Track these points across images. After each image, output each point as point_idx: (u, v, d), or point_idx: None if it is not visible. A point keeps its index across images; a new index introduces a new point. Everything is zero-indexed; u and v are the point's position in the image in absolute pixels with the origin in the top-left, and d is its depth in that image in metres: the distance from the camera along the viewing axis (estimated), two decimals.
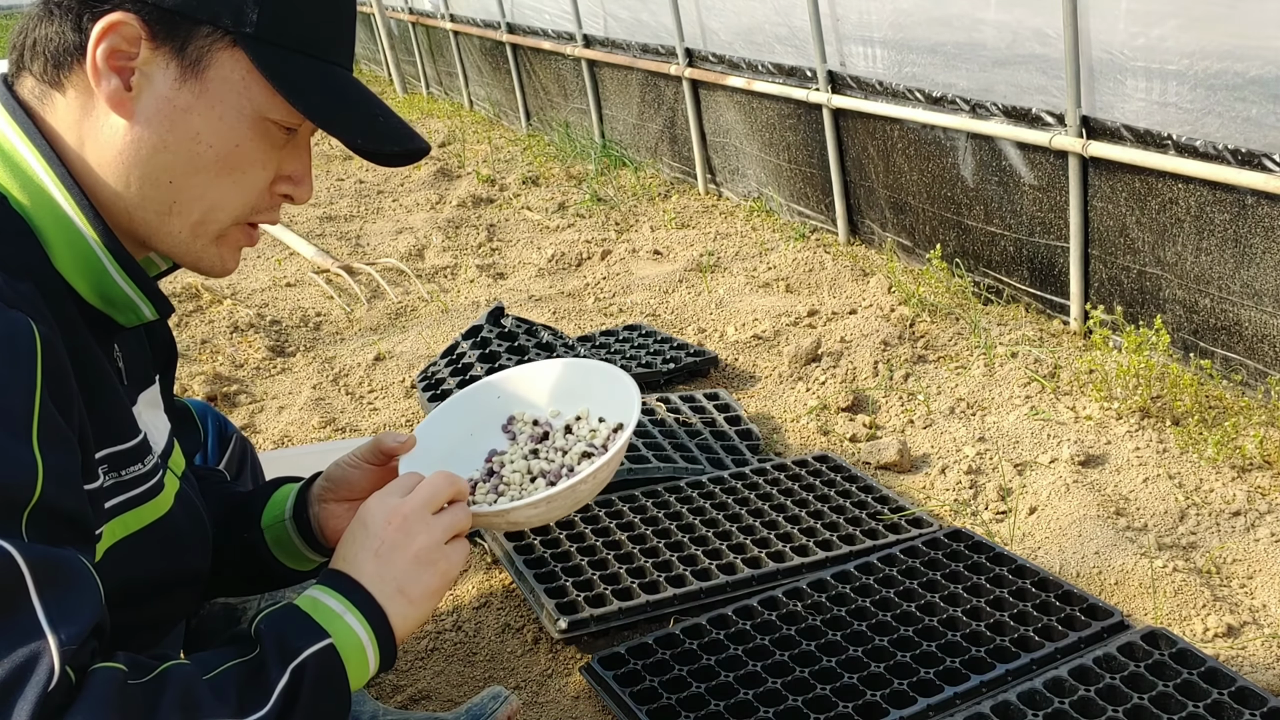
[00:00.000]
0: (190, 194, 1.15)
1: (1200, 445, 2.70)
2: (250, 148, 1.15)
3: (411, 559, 1.17)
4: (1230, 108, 2.77)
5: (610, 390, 1.47)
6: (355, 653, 1.12)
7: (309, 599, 1.14)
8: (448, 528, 1.21)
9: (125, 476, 1.19)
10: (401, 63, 10.09)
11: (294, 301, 4.46)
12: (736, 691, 1.88)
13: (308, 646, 1.08)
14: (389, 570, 1.16)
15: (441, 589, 1.19)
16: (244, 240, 1.23)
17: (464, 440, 1.50)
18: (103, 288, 1.15)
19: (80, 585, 0.95)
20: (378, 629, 1.14)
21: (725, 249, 4.68)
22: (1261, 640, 2.07)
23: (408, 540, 1.18)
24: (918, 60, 3.83)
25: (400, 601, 1.16)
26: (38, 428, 0.97)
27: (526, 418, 1.53)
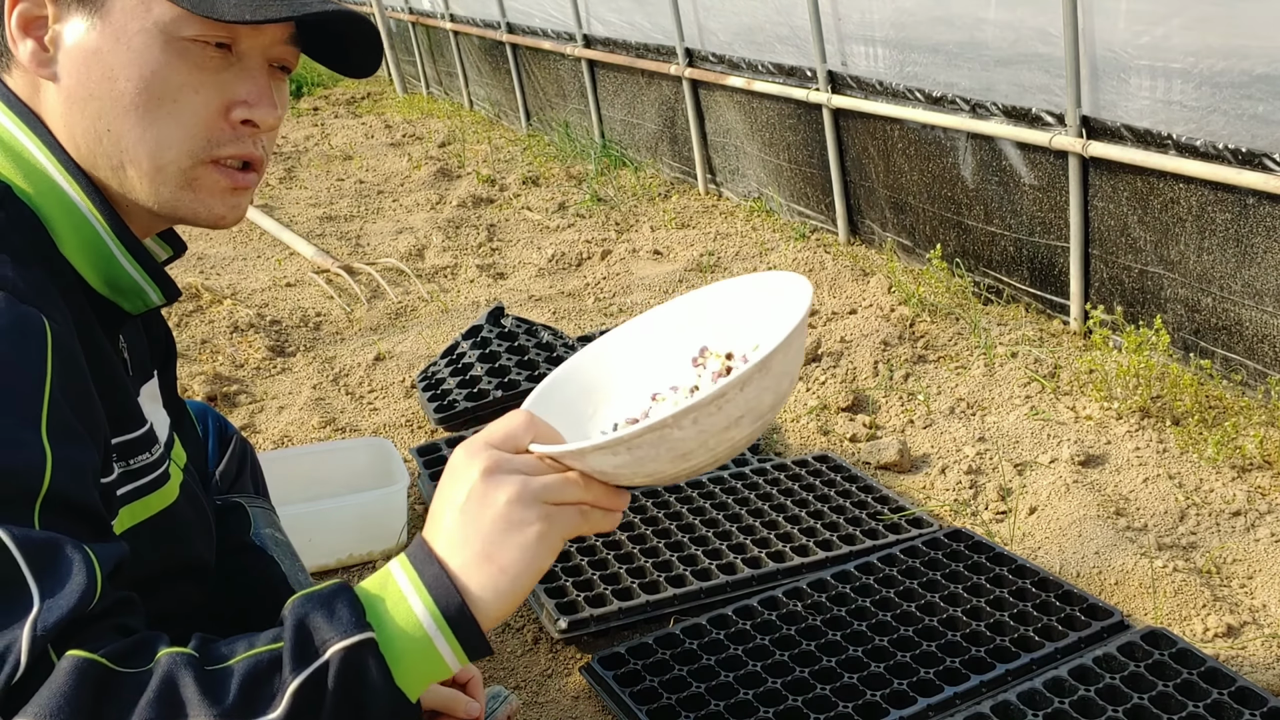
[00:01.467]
0: (129, 139, 1.10)
1: (1200, 445, 2.70)
2: (170, 73, 1.09)
3: (500, 513, 0.97)
4: (1236, 105, 2.76)
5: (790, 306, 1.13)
6: (414, 645, 0.96)
7: (382, 575, 1.00)
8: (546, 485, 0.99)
9: (133, 465, 1.19)
10: (401, 63, 10.08)
11: (294, 301, 4.46)
12: (736, 691, 1.88)
13: (336, 641, 0.94)
14: (473, 527, 0.97)
15: (540, 555, 0.98)
16: (224, 181, 1.15)
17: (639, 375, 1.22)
18: (110, 274, 1.15)
19: (72, 569, 0.92)
20: (453, 617, 0.96)
21: (725, 249, 4.68)
22: (1261, 640, 2.07)
23: (496, 488, 0.97)
24: (919, 60, 3.83)
25: (489, 571, 0.97)
26: (47, 421, 0.96)
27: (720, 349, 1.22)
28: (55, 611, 0.89)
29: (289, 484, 2.54)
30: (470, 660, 0.99)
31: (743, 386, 0.98)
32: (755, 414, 1.02)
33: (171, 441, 1.36)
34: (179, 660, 0.92)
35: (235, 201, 1.17)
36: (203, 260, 5.08)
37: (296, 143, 7.73)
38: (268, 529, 1.66)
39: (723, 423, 1.00)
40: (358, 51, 1.22)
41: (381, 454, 2.70)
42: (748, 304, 1.19)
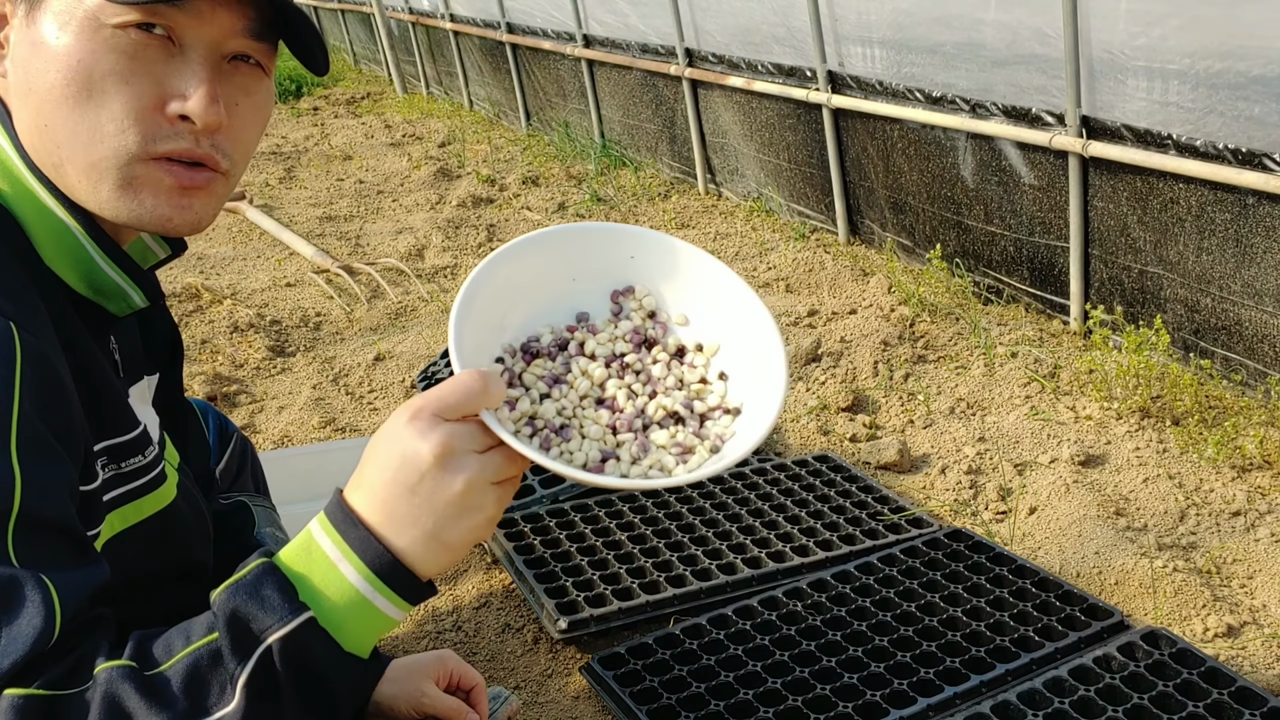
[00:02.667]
0: (63, 133, 1.05)
1: (1200, 445, 2.70)
2: (96, 62, 1.03)
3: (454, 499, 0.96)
4: (1232, 107, 2.77)
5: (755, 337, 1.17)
6: (353, 611, 0.96)
7: (304, 541, 0.98)
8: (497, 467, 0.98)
9: (125, 469, 1.18)
10: (401, 63, 10.08)
11: (294, 301, 4.46)
12: (736, 691, 1.88)
13: (275, 629, 0.93)
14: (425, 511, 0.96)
15: (484, 533, 1.00)
16: (168, 180, 1.08)
17: (561, 279, 1.21)
18: (91, 277, 1.13)
19: (26, 608, 0.90)
20: (388, 576, 0.96)
21: (725, 249, 4.68)
22: (1261, 640, 2.07)
23: (451, 475, 0.96)
24: (917, 60, 3.83)
25: (433, 546, 0.97)
26: (16, 439, 0.94)
27: (647, 303, 1.22)
28: (9, 655, 0.88)
29: (289, 484, 2.54)
30: (413, 605, 1.00)
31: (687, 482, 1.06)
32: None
33: (163, 442, 1.35)
34: (116, 674, 0.90)
35: (184, 202, 1.09)
36: (203, 260, 5.08)
37: (296, 143, 7.73)
38: (268, 528, 1.66)
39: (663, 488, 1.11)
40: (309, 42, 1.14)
41: None
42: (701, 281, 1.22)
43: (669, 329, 1.22)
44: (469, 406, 0.98)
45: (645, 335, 1.20)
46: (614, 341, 1.19)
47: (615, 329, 1.20)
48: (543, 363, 1.16)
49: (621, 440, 1.13)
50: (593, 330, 1.20)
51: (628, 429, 1.13)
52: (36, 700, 0.88)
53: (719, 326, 1.20)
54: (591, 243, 1.22)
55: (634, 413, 1.14)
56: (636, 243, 1.23)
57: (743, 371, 1.18)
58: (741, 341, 1.18)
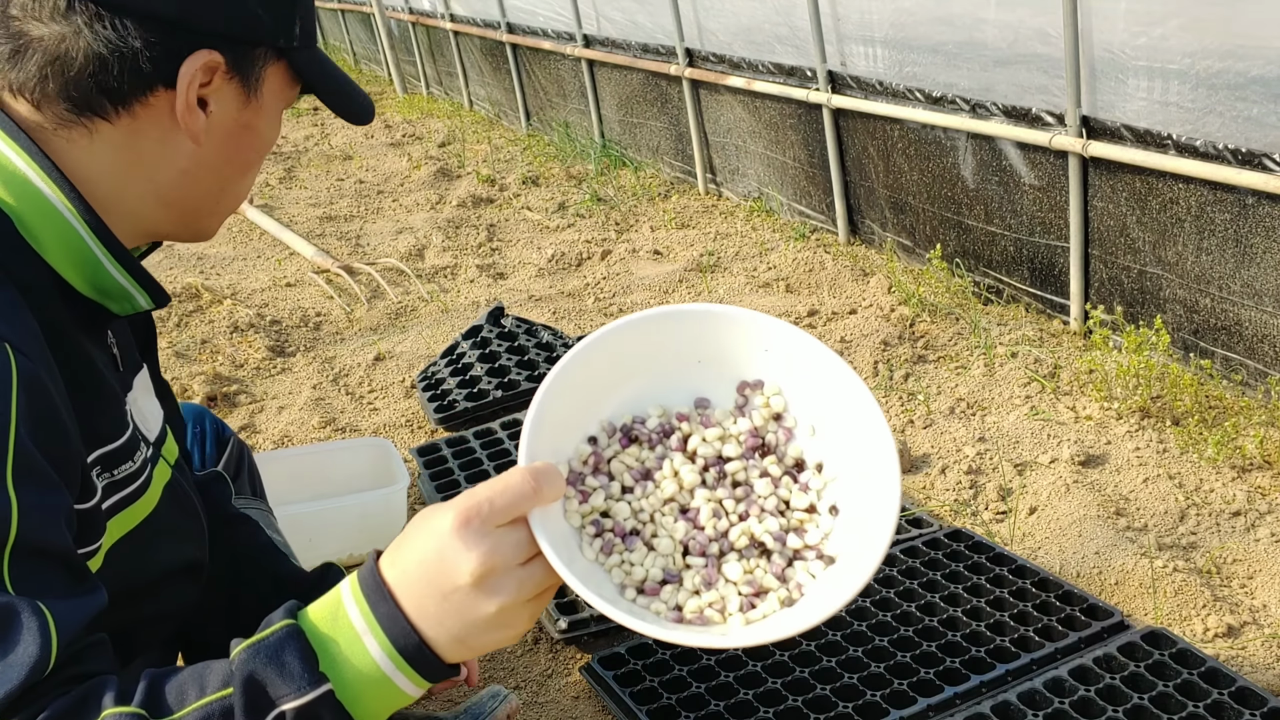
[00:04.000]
0: (237, 193, 1.23)
1: (1200, 445, 2.70)
2: (274, 138, 1.23)
3: (487, 618, 0.94)
4: (1231, 107, 2.77)
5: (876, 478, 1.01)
6: (372, 687, 0.95)
7: (332, 605, 0.97)
8: (536, 583, 0.95)
9: (117, 476, 1.18)
10: (401, 63, 10.08)
11: (294, 301, 4.46)
12: (736, 691, 1.88)
13: (290, 699, 0.91)
14: (454, 618, 0.94)
15: (512, 640, 0.98)
16: None
17: (687, 364, 1.09)
18: (96, 279, 1.14)
19: (23, 638, 0.90)
20: (411, 656, 0.95)
21: (725, 249, 4.68)
22: (1261, 640, 2.07)
23: (488, 597, 0.93)
24: (919, 60, 3.83)
25: (456, 647, 0.96)
26: (13, 466, 0.94)
27: (775, 402, 1.08)
28: (3, 685, 0.88)
29: (289, 484, 2.54)
30: (432, 684, 0.98)
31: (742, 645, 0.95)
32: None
33: (164, 436, 1.35)
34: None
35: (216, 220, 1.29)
36: (203, 260, 5.08)
37: (296, 143, 7.73)
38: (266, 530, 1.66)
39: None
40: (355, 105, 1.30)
41: (382, 454, 2.70)
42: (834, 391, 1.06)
43: (792, 437, 1.07)
44: (519, 509, 0.95)
45: (763, 439, 1.06)
46: (724, 441, 1.06)
47: (733, 425, 1.07)
48: (636, 451, 1.06)
49: (691, 564, 1.01)
50: (706, 423, 1.08)
51: (700, 553, 1.01)
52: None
53: (845, 450, 1.05)
54: (725, 326, 1.09)
55: (714, 535, 1.02)
56: (776, 336, 1.08)
57: (853, 513, 1.03)
58: (861, 477, 1.03)
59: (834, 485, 1.06)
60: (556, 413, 1.03)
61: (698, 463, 1.05)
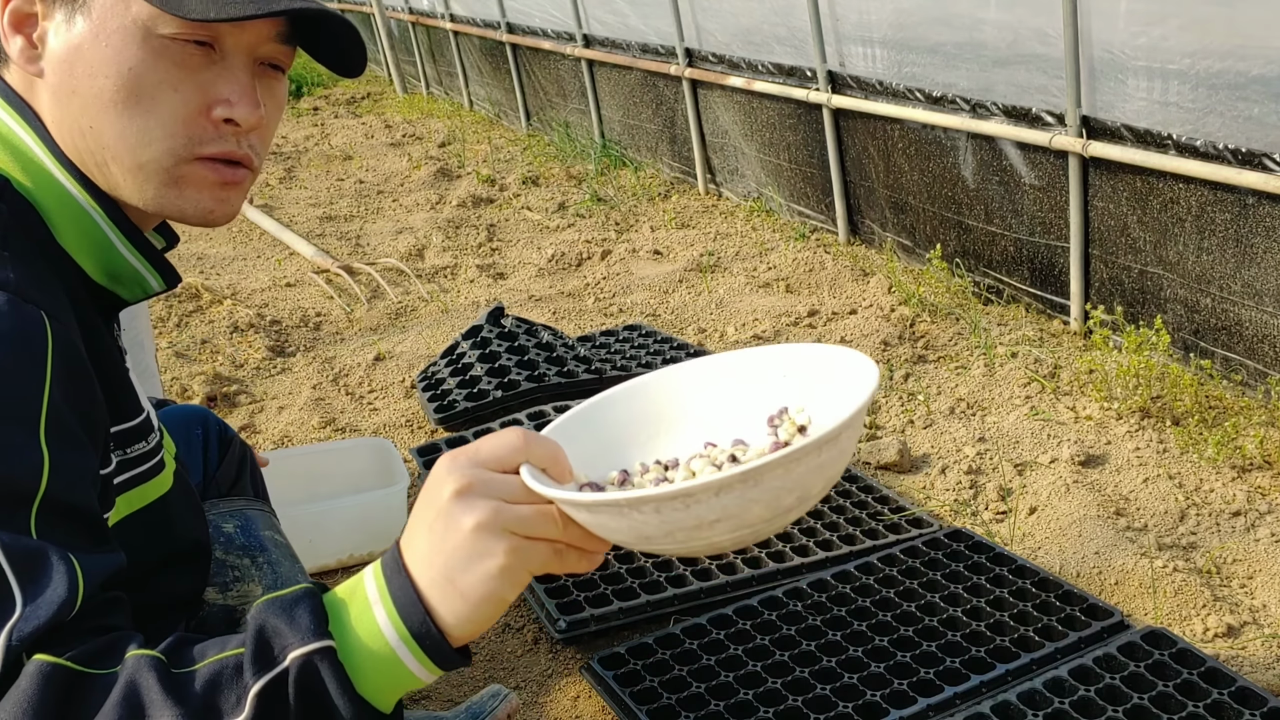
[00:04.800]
0: (109, 136, 1.10)
1: (1200, 445, 2.70)
2: (148, 70, 1.08)
3: (464, 539, 0.91)
4: (1232, 107, 2.77)
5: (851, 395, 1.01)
6: (375, 655, 0.93)
7: (351, 583, 0.97)
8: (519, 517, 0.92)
9: (131, 454, 1.20)
10: (401, 63, 10.09)
11: (294, 301, 4.46)
12: (736, 691, 1.88)
13: (294, 647, 0.91)
14: (438, 550, 0.92)
15: (503, 587, 0.92)
16: (212, 178, 1.14)
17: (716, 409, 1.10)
18: (109, 264, 1.15)
19: (54, 578, 0.92)
20: (416, 630, 0.93)
21: (725, 249, 4.68)
22: (1261, 640, 2.07)
23: (464, 511, 0.91)
24: (918, 60, 3.83)
25: (450, 594, 0.92)
26: (45, 424, 0.97)
27: (800, 419, 1.10)
28: (32, 621, 0.90)
29: (289, 484, 2.54)
30: (444, 671, 0.95)
31: (718, 491, 0.88)
32: (737, 522, 0.91)
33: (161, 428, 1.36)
34: (145, 663, 0.91)
35: (224, 196, 1.15)
36: (203, 260, 5.08)
37: (296, 143, 7.73)
38: (267, 531, 1.66)
39: (690, 520, 0.90)
40: (340, 46, 1.20)
41: (382, 454, 2.70)
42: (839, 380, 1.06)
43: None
44: (505, 458, 0.94)
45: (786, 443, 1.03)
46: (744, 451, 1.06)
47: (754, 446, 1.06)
48: (660, 469, 1.05)
49: None
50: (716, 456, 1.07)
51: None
52: (65, 671, 0.89)
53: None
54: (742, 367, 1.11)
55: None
56: (788, 359, 1.10)
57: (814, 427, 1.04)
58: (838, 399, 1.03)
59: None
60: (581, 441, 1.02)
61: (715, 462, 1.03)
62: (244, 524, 1.64)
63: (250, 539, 1.63)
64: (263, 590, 1.59)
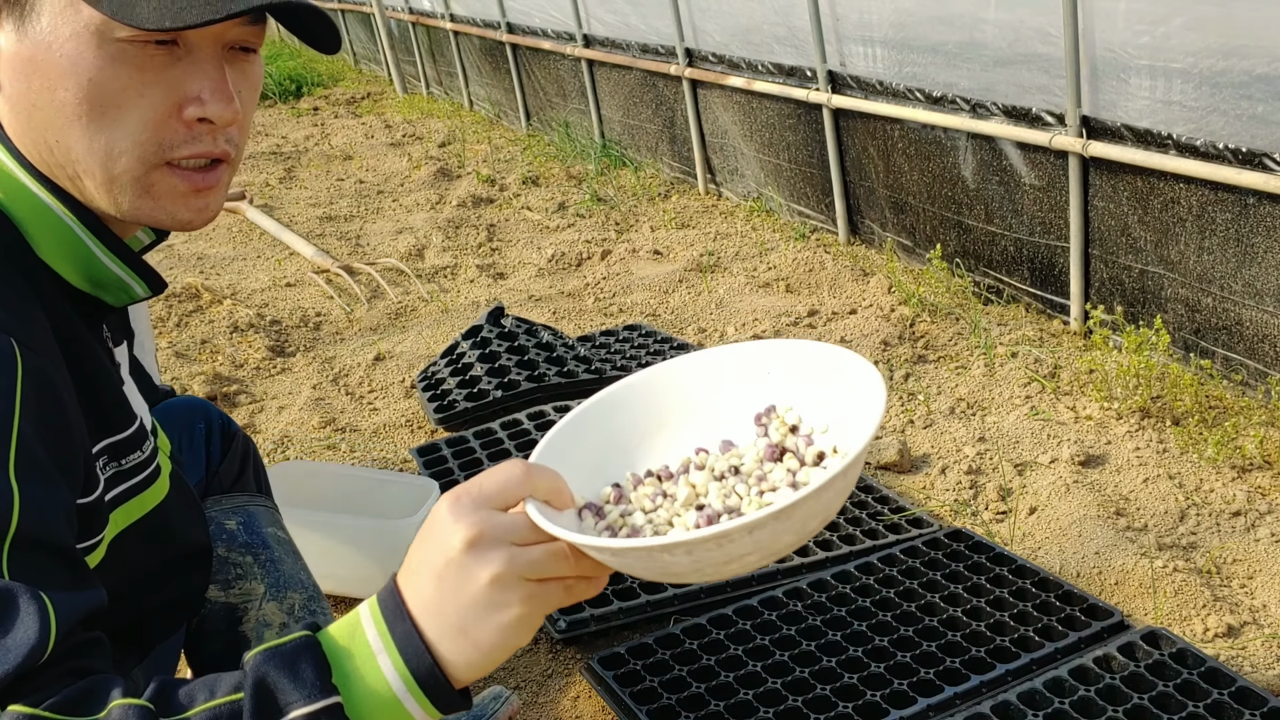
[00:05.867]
0: (78, 150, 1.04)
1: (1200, 445, 2.70)
2: (109, 78, 1.01)
3: (480, 592, 0.89)
4: (1235, 105, 2.76)
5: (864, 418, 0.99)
6: (382, 708, 0.90)
7: (351, 622, 0.94)
8: (532, 562, 0.90)
9: (125, 465, 1.18)
10: (401, 63, 10.08)
11: (294, 301, 4.46)
12: (736, 692, 1.88)
13: (299, 706, 0.88)
14: (450, 601, 0.89)
15: (519, 636, 0.90)
16: (182, 185, 1.08)
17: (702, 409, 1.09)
18: (91, 271, 1.12)
19: (22, 622, 0.88)
20: (424, 679, 0.90)
21: (725, 249, 4.68)
22: (1261, 640, 2.07)
23: (478, 564, 0.89)
24: (918, 60, 3.83)
25: (462, 645, 0.90)
26: (15, 458, 0.93)
27: (789, 418, 1.08)
28: (1, 666, 0.86)
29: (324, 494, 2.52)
30: (441, 715, 0.93)
31: (751, 530, 0.87)
32: (766, 552, 0.91)
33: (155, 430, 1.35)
34: (133, 712, 0.87)
35: (200, 203, 1.10)
36: (203, 260, 5.08)
37: (296, 143, 7.73)
38: (270, 528, 1.66)
39: (722, 558, 0.90)
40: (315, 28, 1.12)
41: (424, 493, 2.56)
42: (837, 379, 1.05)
43: (811, 442, 1.05)
44: (509, 494, 0.92)
45: (778, 451, 1.04)
46: (741, 457, 1.04)
47: (753, 448, 1.05)
48: (655, 482, 1.04)
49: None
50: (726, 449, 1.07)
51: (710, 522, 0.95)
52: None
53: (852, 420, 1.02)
54: (724, 366, 1.09)
55: (721, 510, 0.97)
56: (770, 356, 1.09)
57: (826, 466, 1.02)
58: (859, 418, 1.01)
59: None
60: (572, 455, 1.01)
61: (714, 473, 1.03)
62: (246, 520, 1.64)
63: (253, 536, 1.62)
64: (264, 588, 1.59)
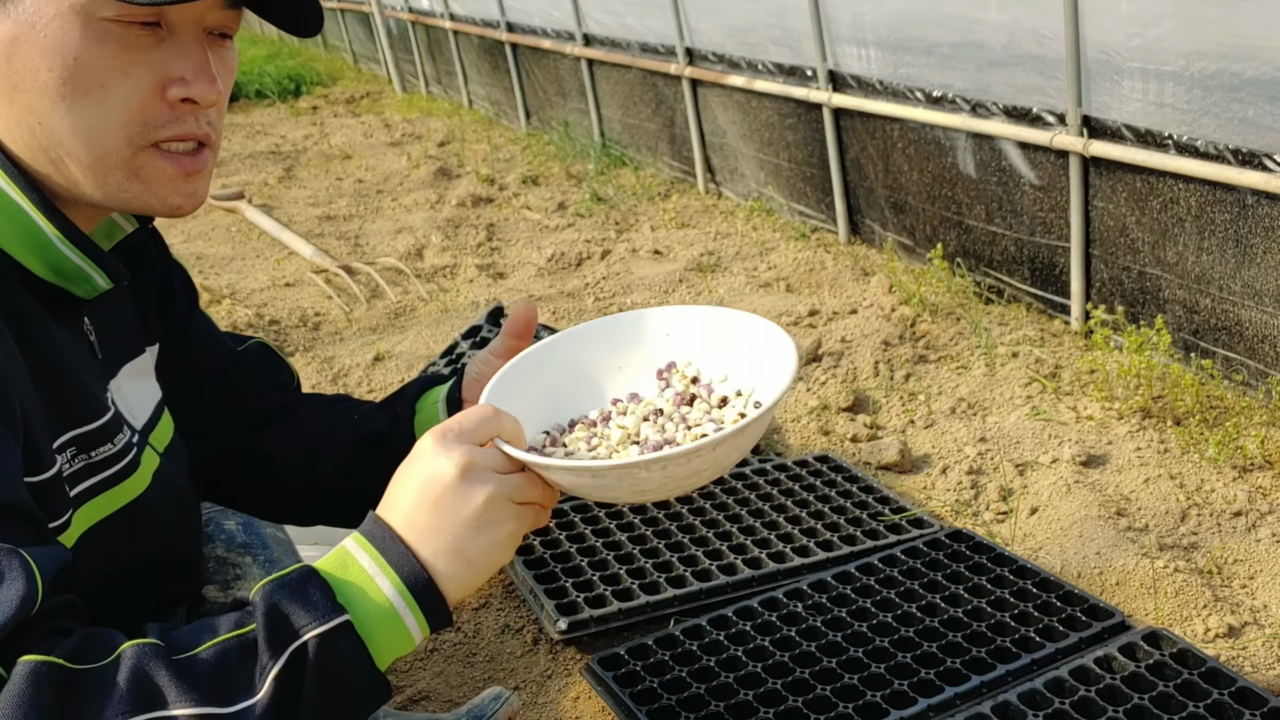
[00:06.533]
0: (62, 131, 1.04)
1: (1201, 445, 2.70)
2: (94, 58, 1.02)
3: (475, 512, 0.99)
4: (1227, 109, 2.76)
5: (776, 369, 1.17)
6: (385, 623, 0.97)
7: (339, 555, 1.01)
8: (517, 486, 1.02)
9: (95, 458, 1.16)
10: (401, 62, 10.08)
11: (293, 301, 4.45)
12: (736, 692, 1.88)
13: (314, 626, 0.93)
14: (448, 523, 0.99)
15: (507, 552, 1.02)
16: (172, 170, 1.10)
17: (608, 370, 1.26)
18: (52, 261, 1.10)
19: (5, 578, 0.89)
20: (420, 594, 0.99)
21: (725, 249, 4.68)
22: (1262, 640, 2.06)
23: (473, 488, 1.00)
24: (914, 61, 3.83)
25: (455, 562, 0.99)
26: None
27: (688, 371, 1.25)
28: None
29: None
30: (433, 630, 1.01)
31: (716, 446, 1.02)
32: (719, 467, 1.08)
33: (155, 421, 1.32)
34: (146, 651, 0.90)
35: (190, 189, 1.12)
36: (201, 260, 5.08)
37: (295, 142, 7.72)
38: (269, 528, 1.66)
39: (686, 472, 1.05)
40: (294, 9, 1.14)
41: None
42: (729, 336, 1.23)
43: (713, 389, 1.23)
44: (486, 430, 1.03)
45: (687, 397, 1.22)
46: (655, 404, 1.21)
47: (656, 400, 1.22)
48: (584, 428, 1.20)
49: None
50: (637, 401, 1.24)
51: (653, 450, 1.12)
52: (58, 669, 0.87)
53: (754, 369, 1.21)
54: (626, 330, 1.27)
55: (661, 441, 1.13)
56: (667, 319, 1.27)
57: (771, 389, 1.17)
58: (768, 369, 1.18)
59: (756, 393, 1.20)
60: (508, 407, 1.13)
61: (641, 417, 1.19)
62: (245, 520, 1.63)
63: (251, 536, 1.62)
64: None
